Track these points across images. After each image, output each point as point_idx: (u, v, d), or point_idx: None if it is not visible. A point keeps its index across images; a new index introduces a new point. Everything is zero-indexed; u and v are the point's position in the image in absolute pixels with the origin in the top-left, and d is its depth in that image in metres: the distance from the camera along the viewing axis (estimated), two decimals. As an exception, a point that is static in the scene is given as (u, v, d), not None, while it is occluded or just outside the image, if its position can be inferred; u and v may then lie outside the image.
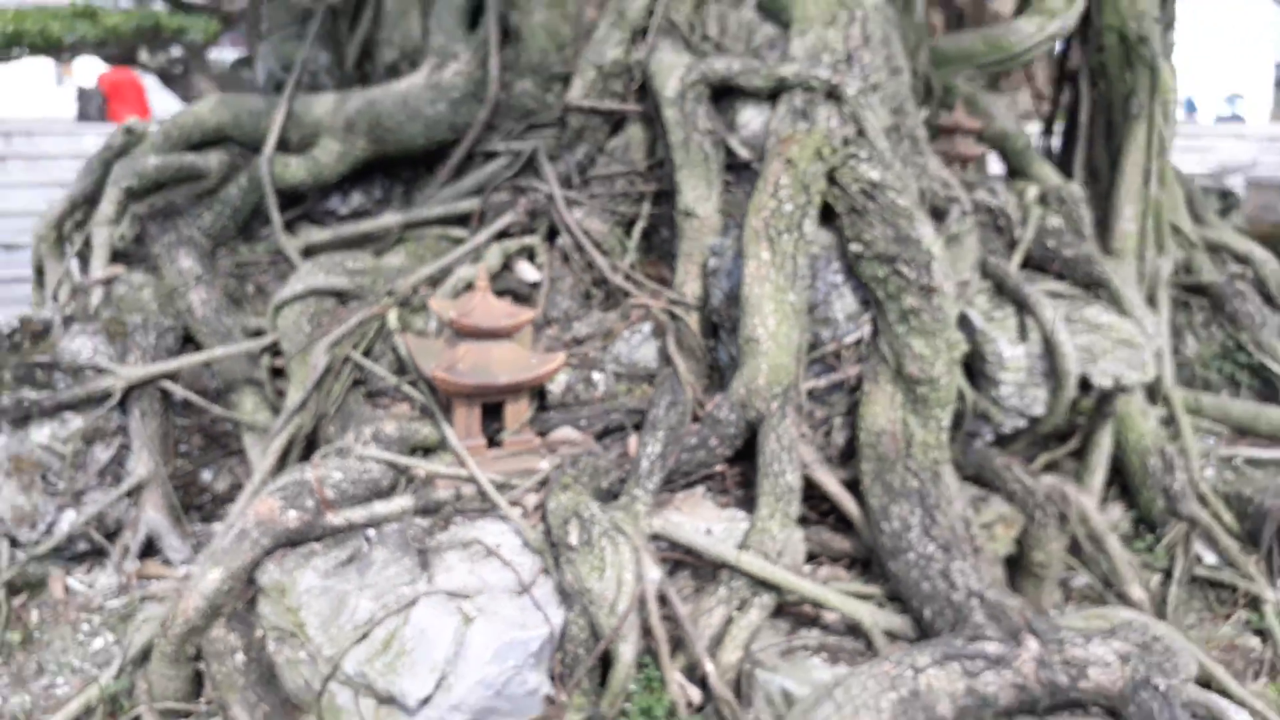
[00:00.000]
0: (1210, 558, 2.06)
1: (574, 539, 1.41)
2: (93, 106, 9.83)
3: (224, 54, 5.30)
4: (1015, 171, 2.49)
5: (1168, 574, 2.03)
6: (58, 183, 8.68)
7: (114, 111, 9.95)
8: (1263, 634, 1.89)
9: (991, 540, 1.93)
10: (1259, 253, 2.96)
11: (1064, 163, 2.91)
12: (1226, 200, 4.03)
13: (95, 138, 8.95)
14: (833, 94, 1.70)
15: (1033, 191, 2.17)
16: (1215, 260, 2.99)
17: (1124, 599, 1.95)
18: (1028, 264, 2.05)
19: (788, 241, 1.62)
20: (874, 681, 1.29)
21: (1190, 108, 16.55)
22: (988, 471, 1.89)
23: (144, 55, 4.66)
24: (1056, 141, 3.06)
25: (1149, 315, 2.04)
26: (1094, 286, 2.03)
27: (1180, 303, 2.86)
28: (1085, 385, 1.91)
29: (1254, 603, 1.95)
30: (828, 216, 1.71)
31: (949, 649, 1.34)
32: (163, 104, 4.90)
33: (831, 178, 1.68)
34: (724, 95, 1.84)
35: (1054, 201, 2.26)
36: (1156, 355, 1.99)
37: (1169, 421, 2.44)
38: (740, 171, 1.82)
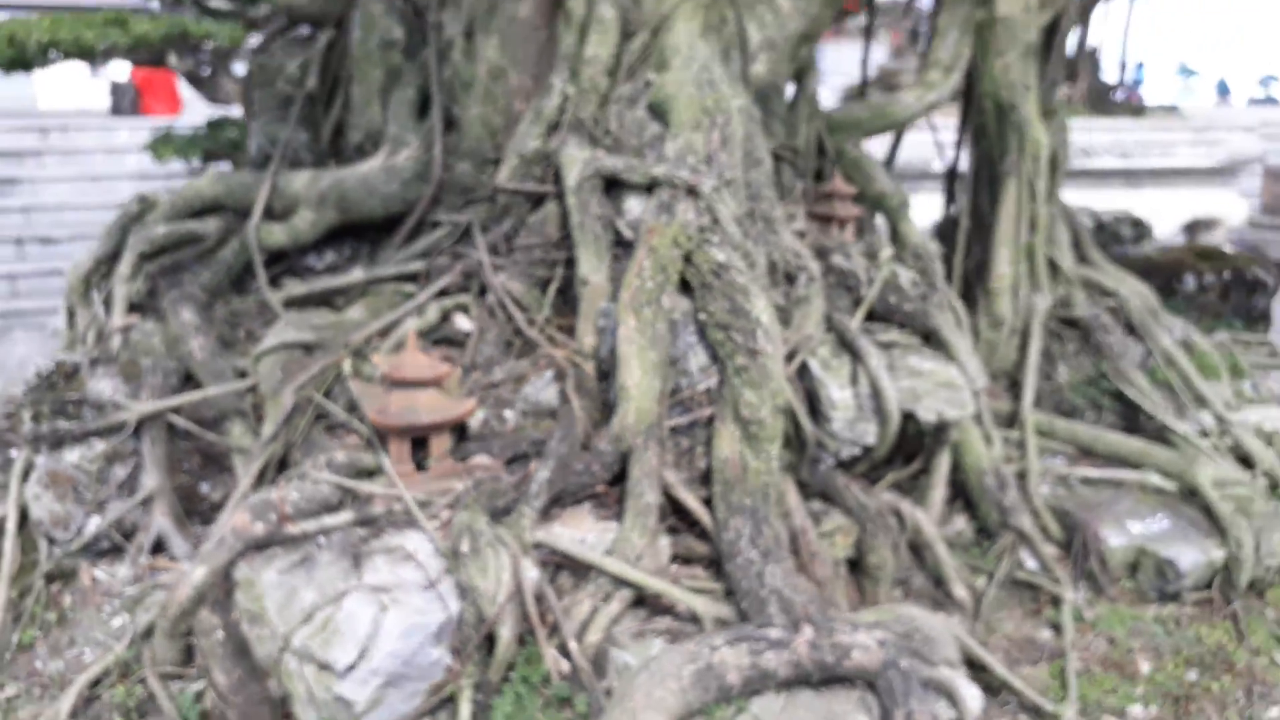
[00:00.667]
0: (1032, 564, 2.46)
1: (466, 548, 1.84)
2: (126, 100, 10.26)
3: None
4: (892, 226, 2.88)
5: (992, 576, 2.43)
6: (92, 176, 9.20)
7: (147, 105, 10.35)
8: (1056, 627, 2.29)
9: (832, 546, 2.35)
10: (1126, 289, 3.33)
11: (951, 215, 3.30)
12: (1139, 229, 4.36)
13: (129, 132, 9.45)
14: (691, 191, 2.11)
15: (887, 251, 2.57)
16: (1091, 295, 3.37)
17: (949, 597, 2.35)
18: (875, 317, 2.45)
19: (649, 312, 2.04)
20: (679, 656, 1.72)
21: (1223, 90, 16.65)
22: (830, 489, 2.30)
23: (173, 59, 5.01)
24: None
25: (973, 359, 2.44)
26: (929, 335, 2.43)
27: (1055, 334, 3.25)
28: (911, 419, 2.31)
29: (1055, 601, 2.35)
30: (688, 288, 2.13)
31: (740, 633, 1.76)
32: (193, 98, 5.31)
33: (688, 258, 2.10)
34: (613, 186, 2.26)
35: (910, 257, 2.66)
36: (976, 394, 2.39)
37: (1020, 444, 2.83)
38: (626, 247, 2.23)
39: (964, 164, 3.31)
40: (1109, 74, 9.71)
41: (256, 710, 1.93)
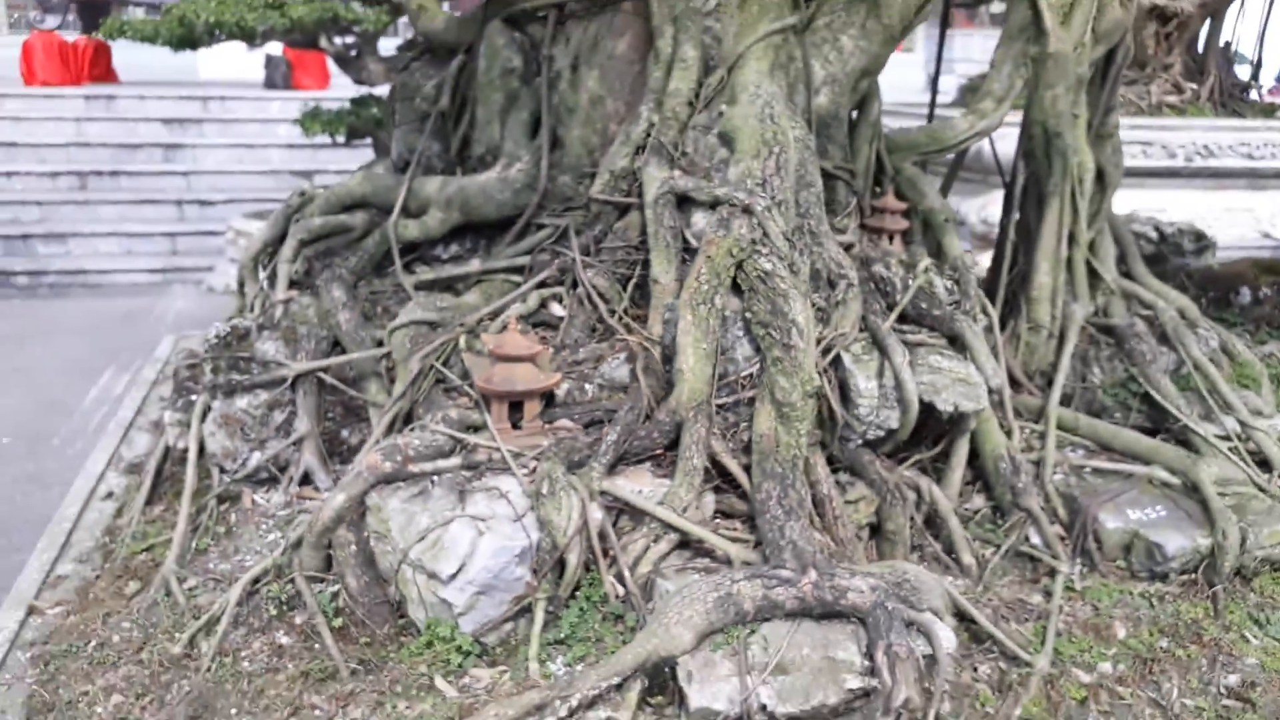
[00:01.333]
0: (1036, 539, 2.79)
1: (545, 490, 2.31)
2: (279, 74, 11.09)
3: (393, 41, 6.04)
4: (937, 241, 3.22)
5: (999, 548, 2.77)
6: (246, 144, 9.97)
7: (297, 79, 11.15)
8: (1049, 594, 2.62)
9: (855, 512, 2.72)
10: (1165, 301, 3.58)
11: (1004, 225, 3.60)
12: (1200, 241, 4.53)
13: (280, 105, 10.20)
14: (746, 209, 2.51)
15: (925, 262, 2.91)
16: (1130, 305, 3.61)
17: (958, 563, 2.71)
18: (909, 320, 2.81)
19: (704, 309, 2.46)
20: (706, 585, 2.14)
21: (1282, 79, 16.06)
22: (856, 464, 2.68)
23: (324, 41, 5.46)
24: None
25: (990, 360, 2.77)
26: (954, 339, 2.78)
27: (1092, 340, 3.52)
28: (931, 409, 2.67)
29: (1052, 573, 2.68)
30: (739, 290, 2.54)
31: (757, 571, 2.17)
32: (340, 74, 5.89)
33: (740, 266, 2.50)
34: (684, 201, 2.67)
35: (948, 269, 2.99)
36: (990, 390, 2.73)
37: (1042, 436, 3.14)
38: (691, 254, 2.65)
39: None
40: (1243, 72, 9.55)
41: (378, 609, 2.43)
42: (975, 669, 2.34)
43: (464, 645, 2.27)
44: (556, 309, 2.87)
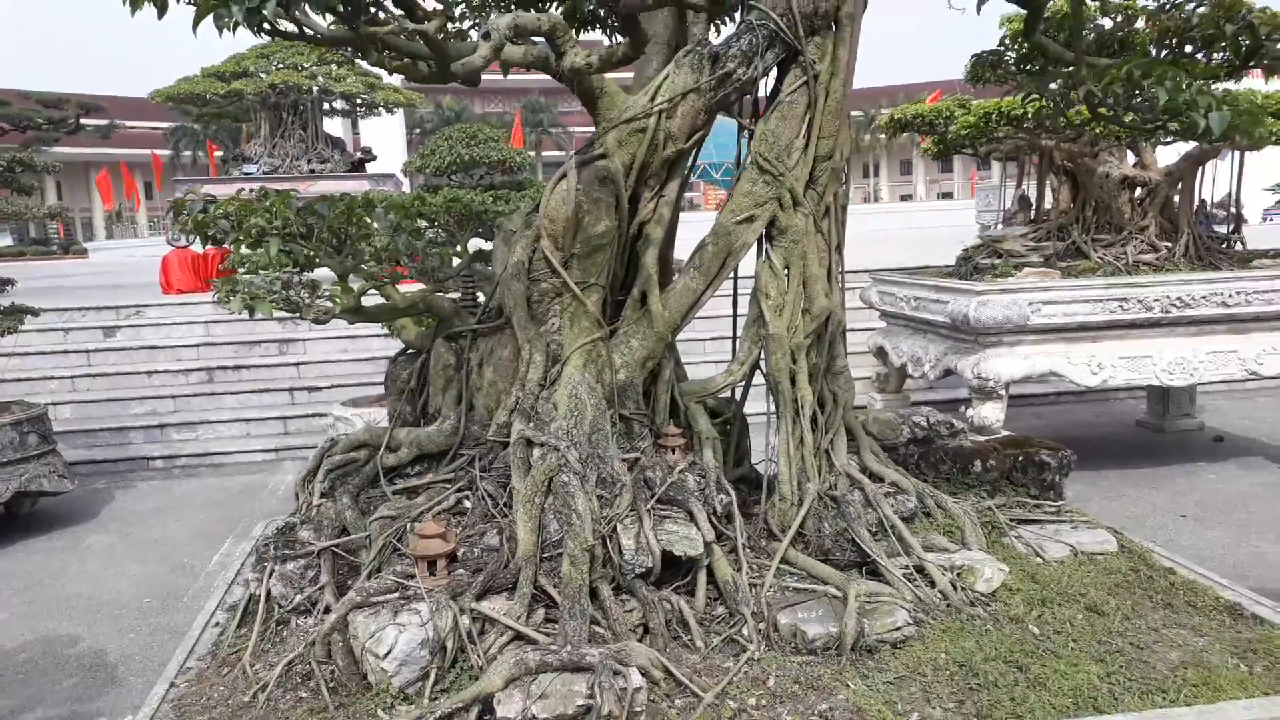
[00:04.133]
0: (745, 631, 4.43)
1: (437, 609, 4.12)
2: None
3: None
4: (702, 452, 5.01)
5: (720, 636, 4.42)
6: (350, 335, 11.69)
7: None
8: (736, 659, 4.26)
9: (629, 616, 4.42)
10: (889, 474, 5.27)
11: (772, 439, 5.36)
12: (953, 429, 6.17)
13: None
14: (555, 449, 4.39)
15: (681, 466, 4.71)
16: (855, 481, 5.30)
17: (692, 645, 4.37)
18: (665, 502, 4.59)
19: (531, 505, 4.31)
20: (513, 655, 3.89)
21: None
22: (632, 589, 4.41)
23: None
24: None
25: (705, 525, 4.52)
26: (689, 513, 4.54)
27: (825, 504, 5.20)
28: (671, 554, 4.41)
29: (743, 650, 4.32)
30: (550, 491, 4.38)
31: (540, 647, 3.92)
32: None
33: (551, 480, 4.35)
34: (530, 443, 4.57)
35: (698, 471, 4.78)
36: (707, 543, 4.46)
37: (766, 569, 4.80)
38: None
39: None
40: (1218, 225, 10.68)
41: (353, 676, 4.21)
42: (673, 701, 3.99)
43: (394, 694, 4.04)
44: (466, 504, 4.75)
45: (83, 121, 12.01)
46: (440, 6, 3.70)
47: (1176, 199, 8.90)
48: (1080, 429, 10.35)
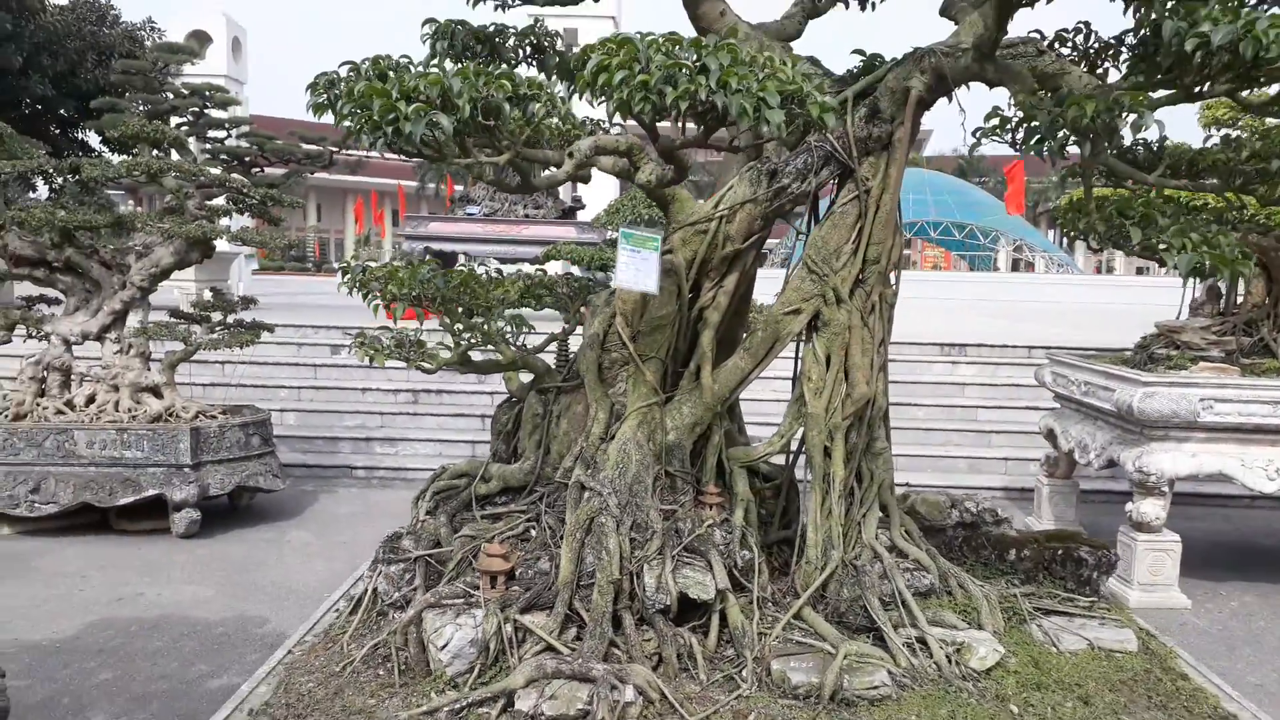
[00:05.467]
0: (745, 673, 4.99)
1: (487, 615, 4.99)
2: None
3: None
4: (741, 512, 5.62)
5: (723, 673, 4.99)
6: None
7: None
8: (737, 698, 4.83)
9: (647, 644, 5.08)
10: (913, 553, 5.67)
11: (808, 505, 5.88)
12: (996, 517, 6.39)
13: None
14: (598, 493, 5.16)
15: (708, 521, 5.35)
16: (880, 557, 5.70)
17: (699, 676, 4.98)
18: (690, 551, 5.25)
19: (573, 540, 5.10)
20: (533, 662, 4.67)
21: None
22: (651, 622, 5.09)
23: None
24: None
25: (722, 574, 5.13)
26: (709, 562, 5.18)
27: (846, 571, 5.66)
28: (686, 596, 5.05)
29: (738, 687, 4.89)
30: (590, 533, 5.15)
31: (557, 658, 4.67)
32: None
33: (591, 520, 5.12)
34: (583, 487, 5.35)
35: (742, 526, 5.40)
36: (719, 591, 5.07)
37: (777, 620, 5.32)
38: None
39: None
40: None
41: (420, 662, 5.13)
42: (663, 719, 4.63)
43: (446, 681, 4.90)
44: (532, 532, 5.60)
45: (335, 156, 13.83)
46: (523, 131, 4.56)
47: None
48: (1271, 537, 9.72)
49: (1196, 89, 4.14)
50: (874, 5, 6.25)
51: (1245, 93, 4.20)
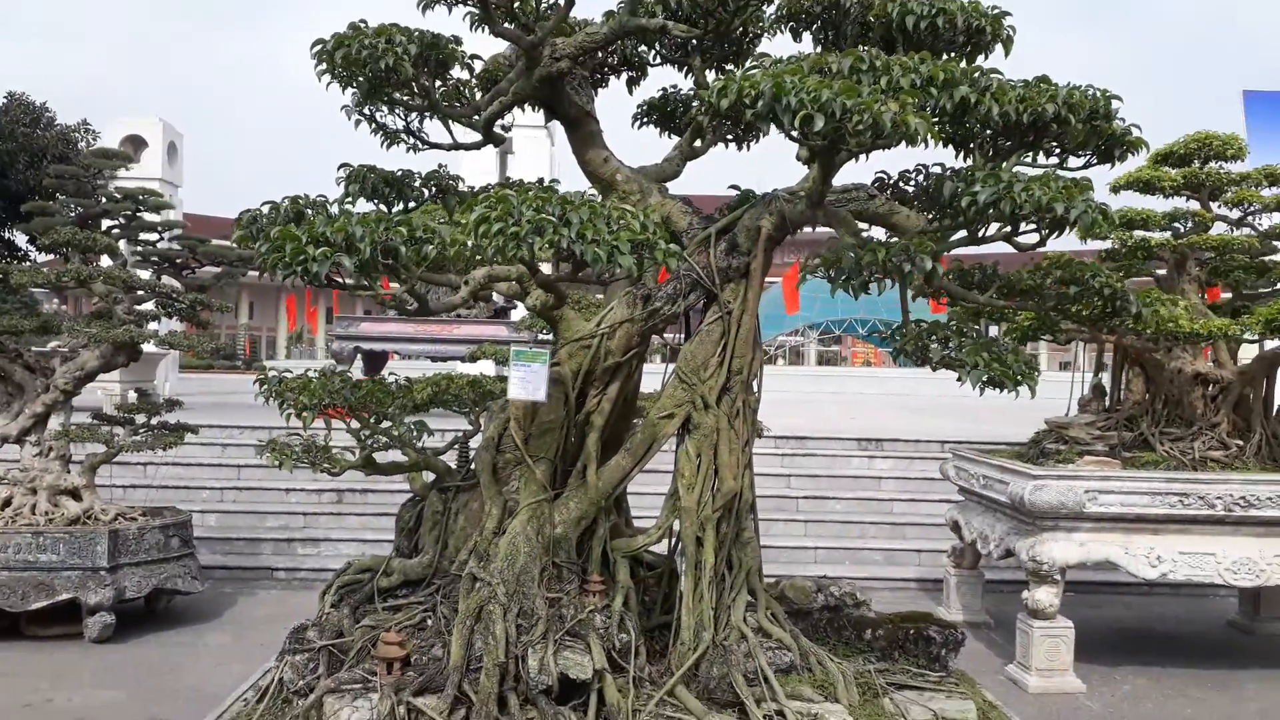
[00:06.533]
0: (623, 746, 5.50)
1: (384, 698, 5.45)
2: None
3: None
4: (621, 599, 6.20)
5: (603, 748, 5.50)
6: None
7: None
8: (608, 768, 5.33)
9: (530, 724, 5.58)
10: (776, 633, 6.30)
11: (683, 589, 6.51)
12: (857, 600, 7.09)
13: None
14: (488, 584, 5.71)
15: (589, 608, 5.93)
16: (744, 636, 6.33)
17: None
18: (571, 635, 5.81)
19: (464, 626, 5.61)
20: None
21: None
22: (535, 702, 5.59)
23: None
24: None
25: (600, 655, 5.69)
26: (587, 645, 5.73)
27: (716, 652, 6.25)
28: (567, 677, 5.58)
29: (616, 760, 5.39)
30: (478, 619, 5.67)
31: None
32: None
33: (481, 608, 5.66)
34: (474, 579, 5.89)
35: (614, 614, 5.98)
36: (596, 672, 5.62)
37: (650, 697, 5.87)
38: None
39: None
40: None
41: (321, 747, 5.53)
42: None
43: (342, 761, 5.31)
44: (429, 621, 6.09)
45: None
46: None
47: (1251, 397, 8.94)
48: (1166, 623, 10.31)
49: (979, 234, 5.05)
50: (748, 146, 7.17)
51: (1019, 237, 5.11)
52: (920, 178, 5.77)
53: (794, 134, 4.56)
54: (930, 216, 5.33)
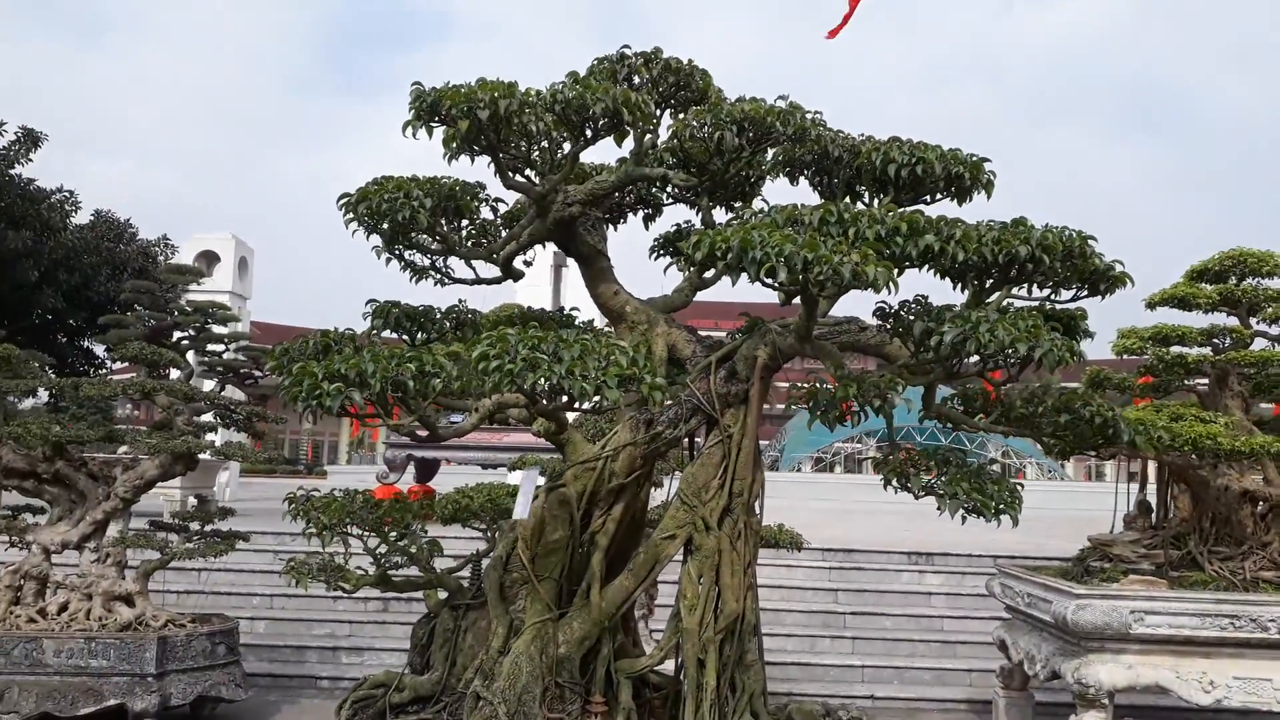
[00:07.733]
0: None
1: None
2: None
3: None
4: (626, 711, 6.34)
5: None
6: None
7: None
8: None
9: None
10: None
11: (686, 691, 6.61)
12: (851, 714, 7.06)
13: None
14: (489, 703, 5.93)
15: (598, 713, 6.08)
16: (747, 760, 6.38)
17: None
18: (570, 756, 5.96)
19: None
20: None
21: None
22: (529, 823, 5.73)
23: None
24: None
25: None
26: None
27: (720, 777, 6.31)
28: (561, 799, 5.72)
29: None
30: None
31: None
32: None
33: (480, 727, 5.87)
34: (478, 698, 6.12)
35: (620, 714, 6.12)
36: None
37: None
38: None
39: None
40: None
41: None
42: None
43: None
44: (439, 734, 6.32)
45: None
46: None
47: None
48: None
49: (955, 369, 5.30)
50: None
51: (987, 372, 5.34)
52: (909, 313, 6.04)
53: (766, 282, 4.91)
54: (910, 352, 5.59)
